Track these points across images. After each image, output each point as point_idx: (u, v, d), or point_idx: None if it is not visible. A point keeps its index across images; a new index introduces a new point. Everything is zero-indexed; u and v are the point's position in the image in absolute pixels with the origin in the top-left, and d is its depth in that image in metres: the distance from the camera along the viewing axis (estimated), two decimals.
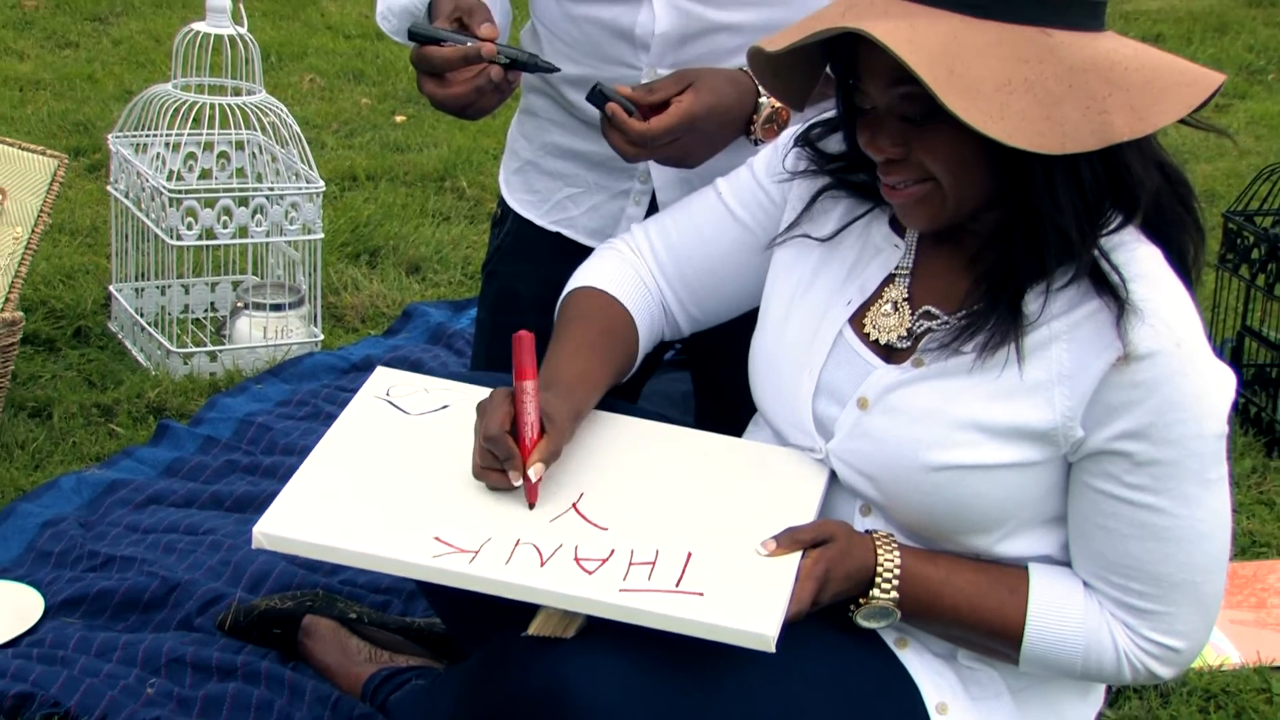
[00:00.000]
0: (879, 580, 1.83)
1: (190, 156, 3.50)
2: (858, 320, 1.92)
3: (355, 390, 2.05)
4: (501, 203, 2.57)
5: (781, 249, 2.02)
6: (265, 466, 3.00)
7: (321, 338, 3.51)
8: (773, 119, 2.17)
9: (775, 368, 1.97)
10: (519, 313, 2.43)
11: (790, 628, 1.72)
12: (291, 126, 3.48)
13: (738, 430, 2.07)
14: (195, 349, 3.41)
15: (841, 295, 1.94)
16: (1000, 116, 1.66)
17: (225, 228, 3.39)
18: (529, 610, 1.78)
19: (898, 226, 1.93)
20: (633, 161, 2.19)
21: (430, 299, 3.77)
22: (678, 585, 1.74)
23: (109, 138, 3.62)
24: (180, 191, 3.37)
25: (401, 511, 1.82)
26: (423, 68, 2.11)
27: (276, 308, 3.47)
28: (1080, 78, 1.69)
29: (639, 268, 2.12)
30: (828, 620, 1.84)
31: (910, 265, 1.92)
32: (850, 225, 1.97)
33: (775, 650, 1.68)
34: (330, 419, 2.01)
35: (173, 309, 3.52)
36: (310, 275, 3.49)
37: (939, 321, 1.86)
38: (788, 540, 1.81)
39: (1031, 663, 1.86)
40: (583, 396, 1.95)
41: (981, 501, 1.82)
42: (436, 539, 1.78)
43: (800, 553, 1.80)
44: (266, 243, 3.49)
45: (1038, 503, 1.84)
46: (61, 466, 2.99)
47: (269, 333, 3.45)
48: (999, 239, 1.81)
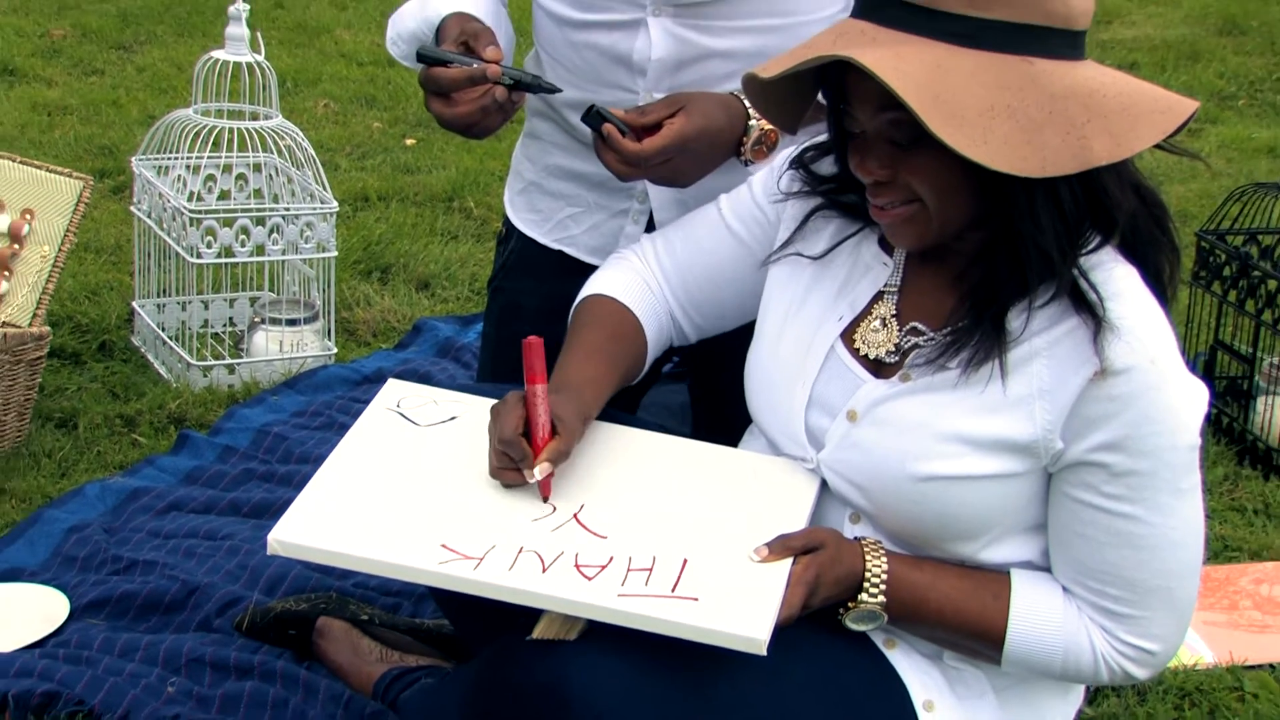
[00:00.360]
0: (867, 585, 1.83)
1: (210, 178, 3.50)
2: (848, 336, 1.92)
3: (367, 402, 2.05)
4: (506, 222, 2.57)
5: (776, 267, 2.02)
6: (281, 474, 3.00)
7: (335, 351, 3.51)
8: (762, 141, 2.17)
9: (770, 381, 1.97)
10: (522, 326, 2.42)
11: (782, 630, 1.72)
12: (306, 149, 3.48)
13: (733, 440, 2.07)
14: (214, 362, 3.40)
15: (833, 312, 1.93)
16: (983, 141, 1.66)
17: (243, 246, 3.39)
18: (533, 613, 1.78)
19: (886, 246, 1.93)
20: (626, 180, 2.19)
21: (439, 314, 3.77)
22: (674, 590, 1.73)
23: (132, 160, 3.62)
24: (200, 212, 3.37)
25: (410, 519, 1.82)
26: (431, 88, 2.12)
27: (292, 323, 3.47)
28: (1060, 104, 1.69)
29: (647, 276, 2.12)
30: (819, 623, 1.84)
31: (898, 283, 1.91)
32: (841, 244, 1.97)
33: (767, 653, 1.68)
34: (343, 429, 2.01)
35: (193, 324, 3.52)
36: (324, 291, 3.49)
37: (925, 338, 1.86)
38: (780, 547, 1.81)
39: (1013, 663, 1.86)
40: (591, 398, 1.96)
41: (966, 511, 1.82)
42: (443, 546, 1.78)
43: (791, 559, 1.80)
44: (282, 260, 3.49)
45: (1019, 512, 1.83)
46: (86, 474, 2.98)
47: (285, 346, 3.45)
48: (983, 258, 1.81)
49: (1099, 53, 5.64)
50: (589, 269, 2.20)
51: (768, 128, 2.16)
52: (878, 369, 1.89)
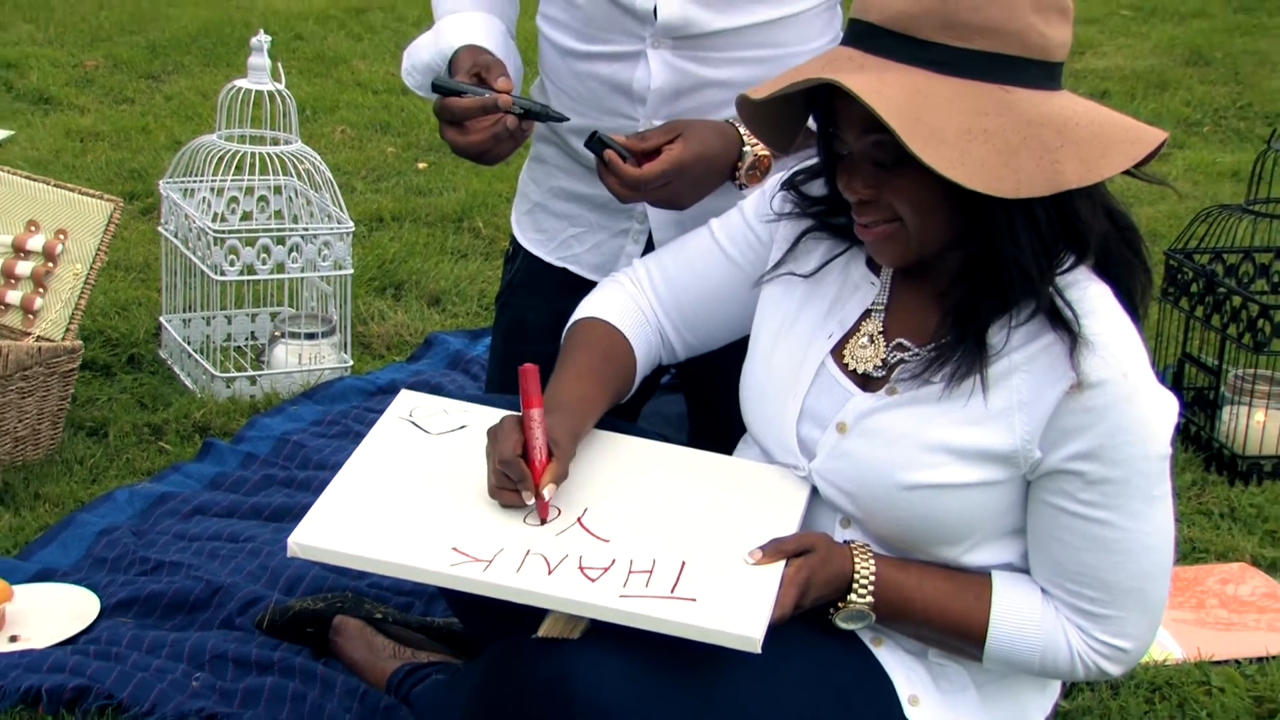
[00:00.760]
0: (856, 586, 1.83)
1: (233, 200, 3.50)
2: (838, 351, 1.92)
3: (381, 411, 2.05)
4: (513, 241, 2.57)
5: (769, 286, 2.02)
6: (300, 480, 2.99)
7: (351, 363, 3.51)
8: (755, 166, 2.17)
9: (763, 394, 1.97)
10: (529, 341, 2.43)
11: (775, 629, 1.72)
12: (324, 173, 3.48)
13: (728, 448, 2.07)
14: (237, 374, 3.40)
15: (823, 329, 1.93)
16: (960, 162, 1.66)
17: (264, 264, 3.39)
18: (539, 613, 1.77)
19: (874, 266, 1.93)
20: (627, 203, 2.19)
21: (449, 328, 3.77)
22: (673, 591, 1.73)
23: (160, 183, 3.62)
24: (224, 232, 3.37)
25: (422, 523, 1.82)
26: (445, 117, 2.11)
27: (310, 336, 3.47)
28: (1035, 131, 1.69)
29: (639, 299, 2.12)
30: (810, 622, 1.84)
31: (885, 301, 1.91)
32: (831, 263, 1.97)
33: (761, 651, 1.67)
34: (359, 437, 2.01)
35: (216, 338, 3.52)
36: (341, 307, 3.49)
37: (911, 353, 1.86)
38: (773, 550, 1.80)
39: (994, 660, 1.86)
40: (582, 418, 1.95)
41: (949, 517, 1.81)
42: (454, 549, 1.77)
43: (784, 561, 1.80)
44: (301, 278, 3.49)
45: (1000, 517, 1.83)
46: (116, 480, 2.98)
47: (303, 359, 3.45)
48: (964, 278, 1.81)
49: (1073, 81, 5.65)
50: (591, 286, 2.20)
51: (762, 153, 2.16)
52: (866, 383, 1.88)
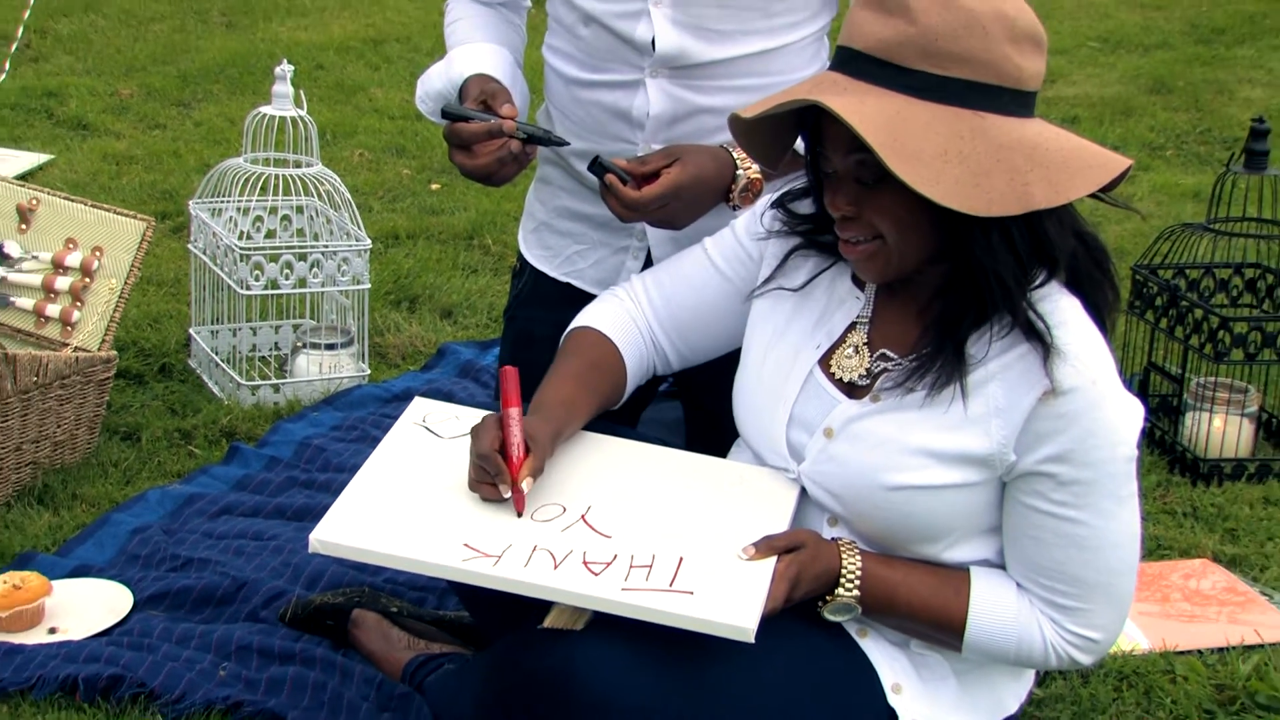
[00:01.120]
0: (843, 581, 1.83)
1: (258, 219, 3.49)
2: (825, 361, 1.92)
3: (397, 417, 2.05)
4: (520, 258, 2.57)
5: (760, 300, 2.02)
6: (320, 482, 2.99)
7: (368, 372, 3.50)
8: (748, 188, 2.17)
9: (755, 401, 1.96)
10: (535, 350, 2.42)
11: (767, 621, 1.72)
12: (343, 193, 3.48)
13: (722, 452, 2.06)
14: (261, 382, 3.40)
15: (811, 340, 1.93)
16: (936, 181, 1.66)
17: (287, 279, 3.39)
18: (545, 605, 1.78)
19: (859, 282, 1.93)
20: (627, 223, 2.19)
21: (460, 339, 3.76)
22: (671, 585, 1.73)
23: (190, 204, 3.62)
24: (249, 249, 3.36)
25: (435, 522, 1.82)
26: (453, 141, 2.11)
27: (330, 347, 3.47)
28: (1007, 154, 1.69)
29: (633, 311, 2.11)
30: (800, 614, 1.84)
31: (869, 314, 1.91)
32: (818, 278, 1.97)
33: (754, 641, 1.67)
34: (375, 441, 2.00)
35: (242, 348, 3.51)
36: (359, 319, 3.48)
37: (894, 363, 1.86)
38: (765, 546, 1.80)
39: (972, 651, 1.86)
40: (564, 419, 1.95)
41: (930, 516, 1.82)
42: (465, 545, 1.77)
43: (775, 557, 1.79)
44: (322, 292, 3.49)
45: (978, 516, 1.83)
46: (148, 482, 2.98)
47: (324, 368, 3.44)
48: (944, 293, 1.82)
49: (1045, 107, 5.65)
50: (593, 299, 2.19)
51: (754, 176, 2.16)
52: (851, 391, 1.89)
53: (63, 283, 3.14)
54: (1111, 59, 6.56)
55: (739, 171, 2.15)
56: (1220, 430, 3.13)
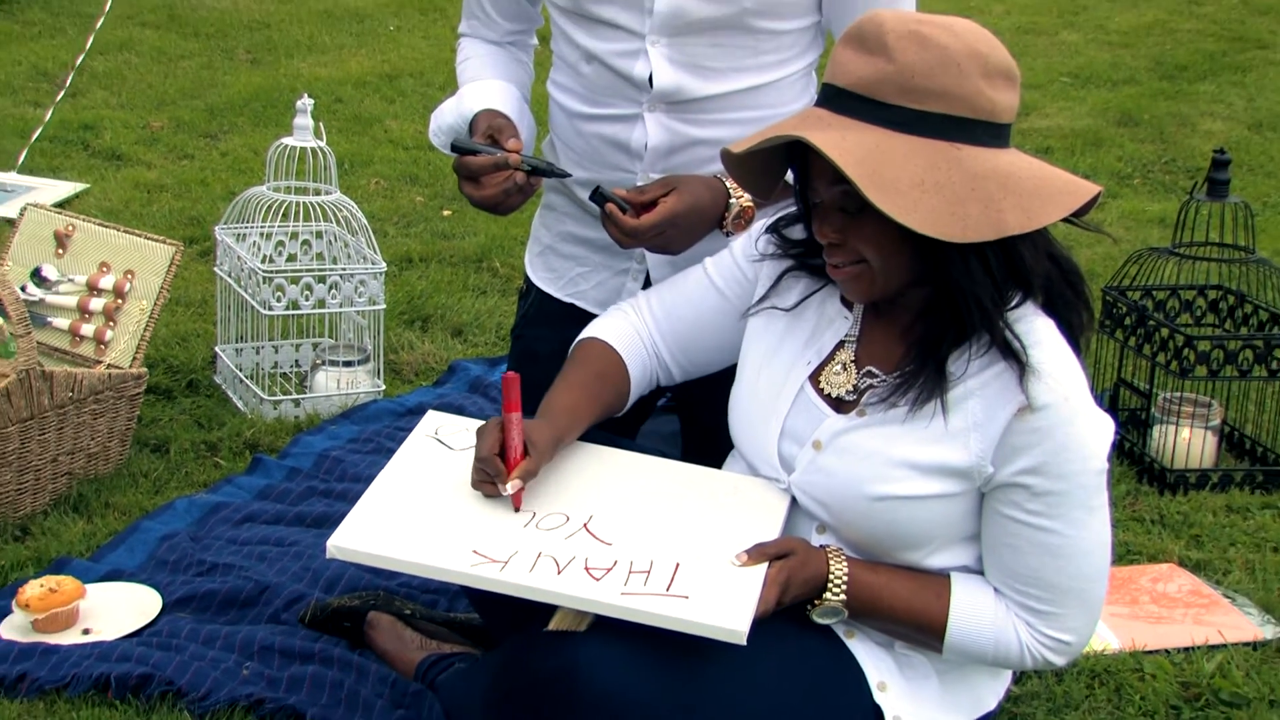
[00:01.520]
0: (831, 586, 1.82)
1: (280, 244, 3.50)
2: (815, 378, 1.91)
3: (410, 430, 2.04)
4: (526, 279, 2.56)
5: (754, 318, 2.02)
6: (338, 491, 2.98)
7: (383, 388, 3.50)
8: (740, 216, 2.17)
9: (748, 414, 1.96)
10: (540, 367, 2.41)
11: (760, 623, 1.71)
12: (360, 219, 3.48)
13: (717, 463, 2.06)
14: (283, 397, 3.39)
15: (802, 358, 1.93)
16: (914, 210, 1.66)
17: (307, 300, 3.39)
18: (549, 608, 1.77)
19: (847, 302, 1.93)
20: (626, 248, 2.19)
21: (470, 356, 3.76)
22: (668, 590, 1.72)
23: (216, 229, 3.62)
24: (272, 271, 3.36)
25: (445, 529, 1.81)
26: (462, 173, 2.11)
27: (348, 364, 3.47)
28: (981, 183, 1.69)
29: (638, 325, 2.11)
30: (790, 618, 1.83)
31: (857, 334, 1.91)
32: (809, 298, 1.97)
33: (746, 643, 1.67)
34: (390, 453, 2.00)
35: (265, 365, 3.51)
36: (374, 338, 3.48)
37: (879, 380, 1.86)
38: (756, 553, 1.80)
39: (952, 652, 1.85)
40: (567, 424, 1.95)
41: (913, 525, 1.81)
42: (474, 551, 1.77)
43: (767, 563, 1.79)
44: (340, 312, 3.48)
45: (957, 525, 1.83)
46: (176, 491, 2.97)
47: (341, 384, 3.44)
48: (926, 314, 1.82)
49: (1020, 138, 5.66)
50: (595, 318, 2.19)
51: (746, 204, 2.16)
52: (839, 406, 1.88)
53: (97, 304, 3.14)
54: (1082, 94, 6.57)
55: (732, 200, 2.16)
56: (1186, 442, 3.13)
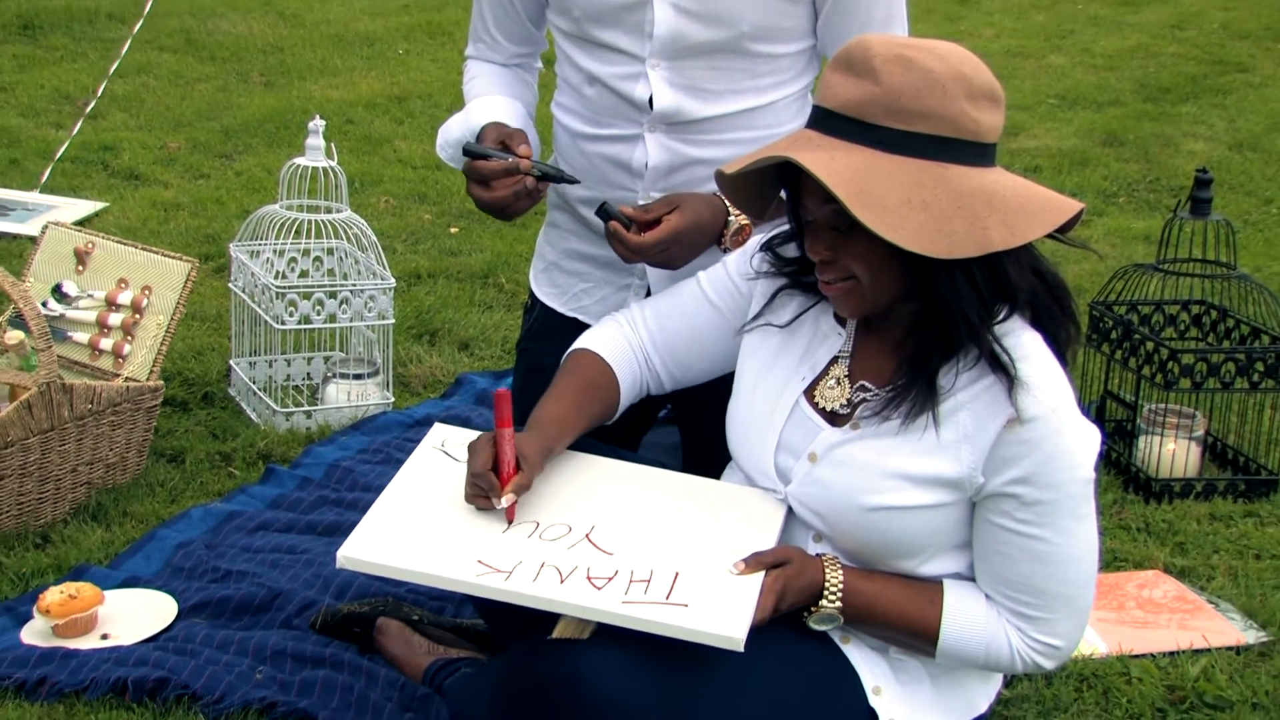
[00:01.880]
0: (827, 593, 1.82)
1: (292, 260, 3.49)
2: (809, 392, 1.91)
3: (418, 441, 2.04)
4: (531, 295, 2.56)
5: (749, 335, 2.01)
6: (349, 500, 2.98)
7: (392, 400, 3.49)
8: (739, 233, 2.17)
9: (745, 428, 1.96)
10: (545, 380, 2.40)
11: (758, 630, 1.71)
12: (370, 237, 3.48)
13: (716, 474, 2.05)
14: (295, 409, 3.39)
15: (797, 373, 1.92)
16: (900, 227, 1.66)
17: (318, 315, 3.38)
18: (552, 616, 1.76)
19: (840, 319, 1.93)
20: (631, 263, 2.19)
21: (477, 370, 3.75)
22: (668, 598, 1.72)
23: (230, 246, 3.62)
24: (284, 287, 3.36)
25: (452, 539, 1.81)
26: (473, 176, 2.11)
27: (358, 377, 3.46)
28: (967, 201, 1.69)
29: (629, 336, 2.11)
30: (787, 625, 1.82)
31: (850, 349, 1.91)
32: (803, 315, 1.96)
33: (744, 649, 1.66)
34: (399, 464, 1.99)
35: (278, 378, 3.51)
36: (384, 352, 3.48)
37: (872, 394, 1.85)
38: (754, 562, 1.79)
39: (945, 656, 1.84)
40: (555, 435, 1.94)
41: (906, 534, 1.80)
42: (479, 561, 1.76)
43: (764, 572, 1.78)
44: (350, 326, 3.48)
45: (950, 534, 1.82)
46: (192, 500, 2.96)
47: (352, 396, 3.44)
48: (917, 330, 1.81)
49: (1009, 158, 5.67)
50: None
51: (744, 222, 2.15)
52: (833, 419, 1.88)
53: (115, 319, 3.14)
54: (1069, 115, 6.58)
55: (730, 218, 2.16)
56: (1170, 453, 3.12)
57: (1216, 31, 8.24)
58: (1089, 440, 1.77)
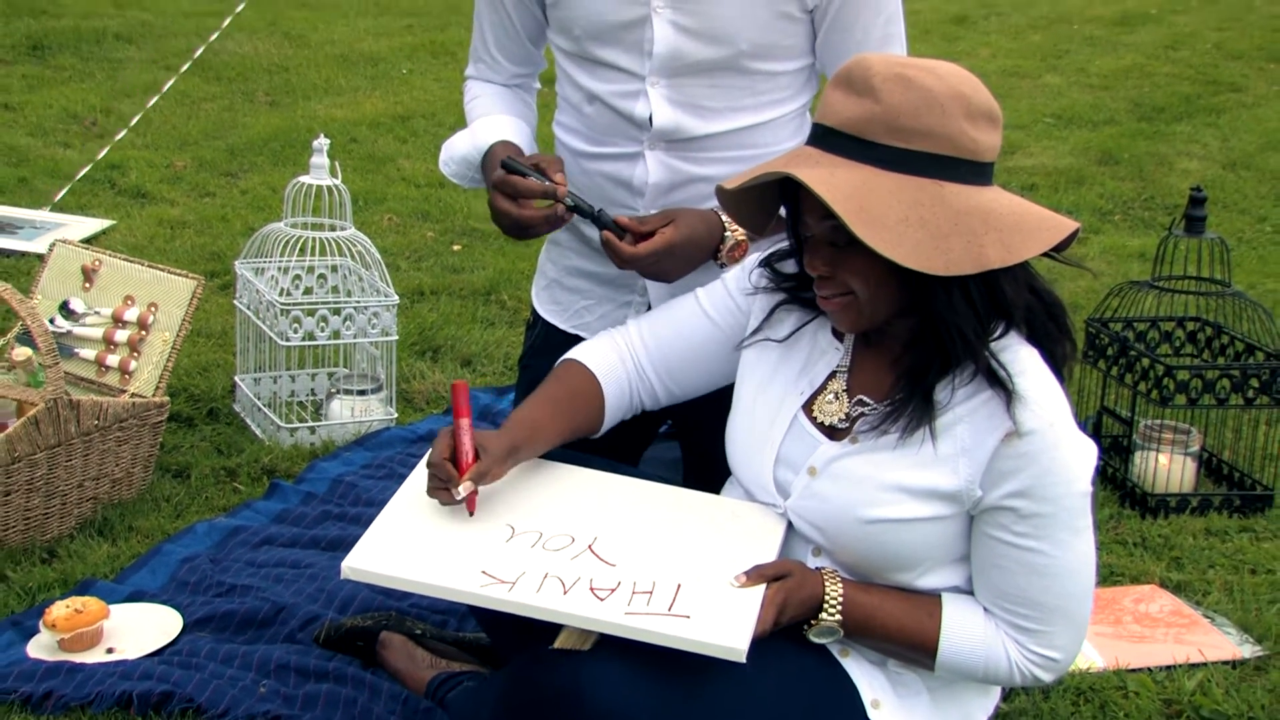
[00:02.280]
0: (827, 606, 1.82)
1: (297, 277, 3.50)
2: (808, 407, 1.91)
3: (421, 456, 2.03)
4: (533, 312, 2.56)
5: (749, 350, 2.01)
6: (352, 515, 2.98)
7: (395, 416, 3.50)
8: (735, 248, 2.17)
9: (745, 443, 1.96)
10: None
11: (758, 643, 1.70)
12: (373, 254, 3.49)
13: (716, 488, 2.05)
14: (299, 425, 3.39)
15: (796, 388, 1.93)
16: (898, 244, 1.67)
17: (323, 331, 3.39)
18: (555, 627, 1.76)
19: (839, 334, 1.93)
20: (623, 270, 2.19)
21: (479, 386, 3.76)
22: (670, 610, 1.72)
23: (236, 264, 3.62)
24: (289, 304, 3.36)
25: (455, 551, 1.81)
26: (505, 190, 2.10)
27: (361, 393, 3.46)
28: (964, 219, 1.69)
29: (622, 351, 2.10)
30: (787, 637, 1.82)
31: (848, 364, 1.91)
32: (801, 330, 1.96)
33: (746, 661, 1.66)
34: (402, 479, 1.99)
35: (282, 394, 3.51)
36: (387, 368, 3.48)
37: (870, 408, 1.85)
38: (755, 575, 1.79)
39: (944, 669, 1.84)
40: (525, 436, 1.94)
41: (905, 547, 1.80)
42: (483, 572, 1.76)
43: (765, 585, 1.78)
44: (354, 343, 3.48)
45: (948, 547, 1.82)
46: (197, 515, 2.96)
47: (355, 412, 3.44)
48: (914, 345, 1.81)
49: (1006, 176, 5.68)
50: None
51: (740, 238, 2.16)
52: (832, 433, 1.88)
53: (121, 335, 3.14)
54: (1065, 134, 6.59)
55: (727, 233, 2.16)
56: (1166, 468, 3.12)
57: (1210, 52, 8.26)
58: (1086, 454, 1.77)
